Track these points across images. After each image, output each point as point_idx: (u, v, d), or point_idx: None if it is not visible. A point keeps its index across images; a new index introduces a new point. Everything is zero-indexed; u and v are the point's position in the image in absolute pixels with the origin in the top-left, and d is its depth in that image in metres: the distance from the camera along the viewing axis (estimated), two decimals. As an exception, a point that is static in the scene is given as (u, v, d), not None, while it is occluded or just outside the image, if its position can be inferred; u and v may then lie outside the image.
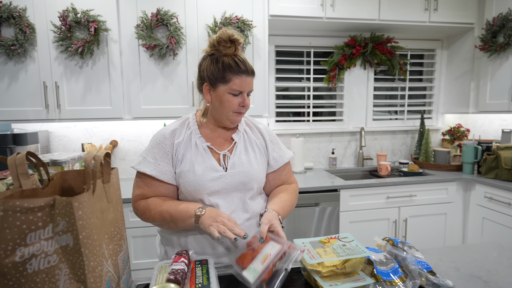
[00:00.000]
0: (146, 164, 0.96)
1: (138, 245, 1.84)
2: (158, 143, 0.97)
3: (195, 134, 1.00)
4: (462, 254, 0.98)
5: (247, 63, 0.95)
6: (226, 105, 0.95)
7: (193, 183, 0.94)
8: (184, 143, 0.98)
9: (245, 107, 0.97)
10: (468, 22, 2.42)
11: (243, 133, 1.04)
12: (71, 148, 2.26)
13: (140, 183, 0.98)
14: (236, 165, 0.98)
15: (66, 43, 1.86)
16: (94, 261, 0.61)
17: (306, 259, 0.77)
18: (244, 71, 0.93)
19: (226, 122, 0.99)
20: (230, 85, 0.93)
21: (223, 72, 0.92)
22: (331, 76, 2.55)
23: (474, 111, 2.50)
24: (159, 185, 0.97)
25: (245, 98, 0.96)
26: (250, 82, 0.96)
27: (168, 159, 0.97)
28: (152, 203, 0.94)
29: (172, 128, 1.00)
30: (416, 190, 2.17)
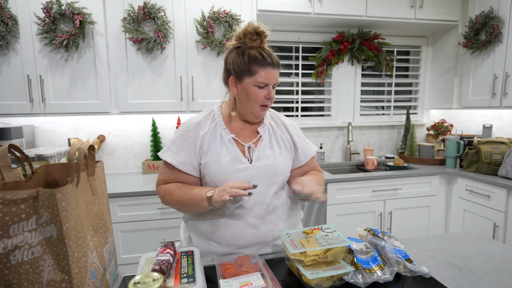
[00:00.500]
0: (168, 153, 1.00)
1: (127, 239, 1.84)
2: (182, 134, 1.00)
3: (220, 126, 1.01)
4: (440, 243, 1.02)
5: (273, 55, 0.95)
6: (252, 98, 0.95)
7: (218, 174, 0.96)
8: (209, 135, 0.99)
9: (271, 100, 0.98)
10: (452, 20, 2.47)
11: (268, 127, 1.05)
12: (57, 143, 2.23)
13: (163, 170, 1.03)
14: (261, 158, 0.99)
15: (51, 36, 1.82)
16: (78, 252, 0.61)
17: (289, 248, 0.79)
18: (270, 64, 0.93)
19: (250, 117, 1.00)
20: (256, 78, 0.93)
21: (249, 64, 0.93)
22: (319, 71, 2.57)
23: (457, 107, 2.57)
24: (179, 174, 1.00)
25: (270, 90, 0.96)
26: (276, 74, 0.96)
27: (190, 150, 0.99)
28: (171, 188, 0.99)
29: (197, 120, 1.02)
30: (401, 183, 2.23)
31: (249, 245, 0.97)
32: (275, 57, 0.96)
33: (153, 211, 1.84)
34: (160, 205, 1.85)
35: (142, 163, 2.28)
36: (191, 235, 1.05)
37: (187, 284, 0.69)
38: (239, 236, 0.96)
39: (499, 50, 2.20)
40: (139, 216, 1.83)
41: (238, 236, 0.96)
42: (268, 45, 0.97)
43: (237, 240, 0.96)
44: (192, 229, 1.05)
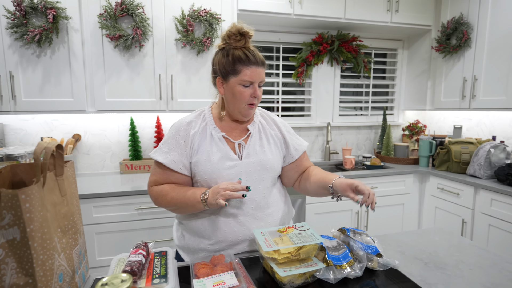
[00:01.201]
0: (160, 153, 1.01)
1: (103, 241, 1.80)
2: (173, 134, 1.01)
3: (210, 125, 1.02)
4: (409, 239, 1.07)
5: (257, 54, 0.97)
6: (238, 97, 0.97)
7: (209, 172, 0.97)
8: (200, 133, 1.01)
9: (257, 98, 0.99)
10: (426, 24, 2.57)
11: (258, 124, 1.07)
12: (29, 142, 2.14)
13: (154, 170, 1.03)
14: (251, 154, 1.01)
15: (22, 30, 1.75)
16: (44, 255, 0.60)
17: (262, 247, 0.80)
18: (254, 62, 0.95)
19: (238, 116, 1.01)
20: (241, 76, 0.95)
21: (234, 64, 0.95)
22: (300, 72, 2.61)
23: (430, 108, 2.68)
24: (171, 174, 1.00)
25: (256, 89, 0.97)
26: (261, 72, 0.97)
27: (181, 149, 0.99)
28: (164, 190, 0.99)
29: (188, 120, 1.03)
30: (377, 182, 2.30)
31: (240, 242, 0.99)
32: (260, 56, 0.98)
33: (131, 212, 1.81)
34: (138, 206, 1.82)
35: (120, 163, 2.23)
36: (184, 233, 1.06)
37: (159, 285, 0.69)
38: (230, 233, 0.97)
39: (468, 55, 2.31)
40: (116, 217, 1.79)
41: (229, 233, 0.97)
42: (253, 45, 0.99)
43: (228, 237, 0.97)
44: (184, 227, 1.06)
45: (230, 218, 0.98)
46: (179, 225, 1.10)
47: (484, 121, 2.47)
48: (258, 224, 1.00)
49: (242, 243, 0.99)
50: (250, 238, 0.99)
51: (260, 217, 1.00)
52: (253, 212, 0.99)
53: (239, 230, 0.98)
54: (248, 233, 0.99)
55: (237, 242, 0.98)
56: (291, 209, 1.16)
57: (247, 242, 0.99)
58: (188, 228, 1.04)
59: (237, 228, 0.98)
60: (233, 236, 0.98)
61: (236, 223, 0.98)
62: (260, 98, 1.01)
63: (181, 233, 1.07)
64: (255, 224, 0.99)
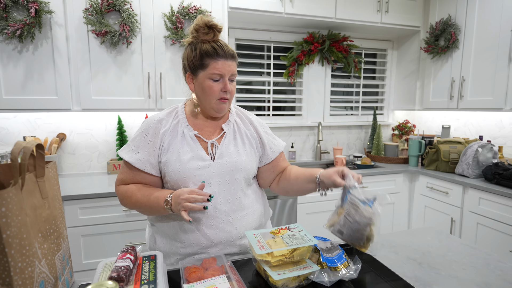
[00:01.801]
0: (127, 151, 0.97)
1: (89, 244, 1.74)
2: (142, 131, 0.97)
3: (182, 123, 0.98)
4: (402, 239, 1.07)
5: (225, 47, 0.92)
6: (208, 92, 0.93)
7: (178, 172, 0.93)
8: (170, 132, 0.96)
9: (228, 93, 0.95)
10: (415, 25, 2.60)
11: (233, 124, 1.03)
12: (10, 141, 2.06)
13: (122, 169, 0.99)
14: (224, 155, 0.96)
15: (2, 25, 1.67)
16: (22, 262, 0.56)
17: (255, 250, 0.78)
18: (222, 55, 0.91)
19: (211, 111, 0.97)
20: (208, 70, 0.91)
21: (201, 58, 0.91)
22: (291, 71, 2.60)
23: (419, 108, 2.71)
24: (137, 173, 0.96)
25: (226, 83, 0.93)
26: (231, 65, 0.93)
27: (149, 148, 0.95)
28: (129, 191, 0.95)
29: (158, 117, 0.98)
30: (368, 181, 2.31)
31: (213, 245, 0.95)
32: (229, 49, 0.94)
33: (118, 213, 1.76)
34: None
35: (107, 162, 2.17)
36: (156, 236, 1.02)
37: (147, 291, 0.66)
38: (202, 236, 0.94)
39: (456, 56, 2.34)
40: (103, 219, 1.74)
41: (201, 236, 0.94)
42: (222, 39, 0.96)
43: (200, 240, 0.94)
44: (156, 230, 1.02)
45: (203, 221, 0.94)
46: (150, 227, 1.06)
47: (471, 121, 2.52)
48: (231, 227, 0.96)
49: (216, 246, 0.95)
50: (223, 241, 0.95)
51: (234, 219, 0.97)
52: (227, 215, 0.96)
53: (212, 233, 0.94)
54: (221, 235, 0.95)
55: (210, 245, 0.94)
56: (268, 210, 1.12)
57: (221, 245, 0.95)
58: (160, 230, 1.00)
59: (210, 231, 0.94)
60: (206, 239, 0.94)
61: (208, 226, 0.94)
62: (233, 92, 0.97)
63: (152, 236, 1.03)
64: (228, 227, 0.96)
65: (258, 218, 1.04)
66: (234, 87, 0.97)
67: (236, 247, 0.98)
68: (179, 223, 0.95)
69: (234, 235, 0.96)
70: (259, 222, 1.05)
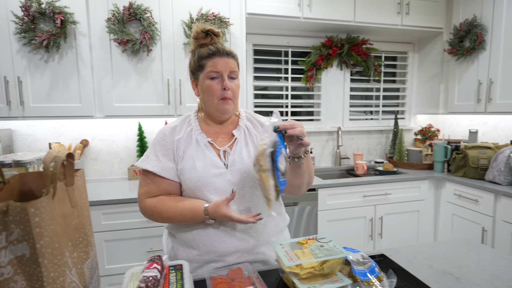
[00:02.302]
0: (148, 161, 0.96)
1: (112, 249, 1.75)
2: (159, 140, 0.98)
3: (195, 130, 0.98)
4: (435, 251, 1.01)
5: (220, 45, 0.93)
6: (208, 92, 0.93)
7: (194, 180, 0.92)
8: (185, 139, 0.97)
9: (229, 91, 0.93)
10: (437, 27, 2.52)
11: (244, 129, 1.01)
12: (37, 147, 2.12)
13: (144, 181, 0.97)
14: (236, 162, 0.95)
15: (30, 36, 1.74)
16: (54, 272, 0.55)
17: (284, 261, 0.75)
18: (217, 53, 0.92)
19: (215, 113, 0.96)
20: (206, 70, 0.93)
21: (199, 61, 0.94)
22: (309, 76, 2.57)
23: (443, 112, 2.61)
24: (162, 181, 0.96)
25: (225, 80, 0.92)
26: (228, 62, 0.92)
27: (169, 156, 0.96)
28: (157, 208, 0.93)
29: (172, 125, 1.00)
30: (391, 188, 2.23)
31: (229, 253, 0.93)
32: (225, 47, 0.94)
33: (139, 219, 1.77)
34: (146, 213, 1.78)
35: (128, 168, 2.20)
36: (173, 243, 1.01)
37: (175, 303, 0.64)
38: (219, 244, 0.92)
39: (483, 57, 2.25)
40: (124, 224, 1.75)
41: (218, 244, 0.92)
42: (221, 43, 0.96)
43: (217, 248, 0.92)
44: (173, 237, 1.01)
45: (220, 228, 0.93)
46: (168, 235, 1.05)
47: (501, 125, 2.40)
48: (248, 235, 0.94)
49: (233, 254, 0.93)
50: (241, 249, 0.93)
51: (250, 227, 0.94)
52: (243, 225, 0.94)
53: (229, 240, 0.92)
54: (238, 244, 0.93)
55: (227, 253, 0.92)
56: (285, 217, 1.09)
57: (238, 254, 0.93)
58: (177, 238, 0.99)
59: (227, 239, 0.92)
60: (223, 247, 0.92)
61: (225, 233, 0.92)
62: (235, 91, 0.95)
63: (169, 243, 1.03)
64: (245, 235, 0.94)
65: (276, 225, 1.02)
66: (236, 86, 0.96)
67: (254, 256, 0.95)
68: (196, 230, 0.94)
69: (251, 243, 0.94)
70: (277, 230, 1.02)
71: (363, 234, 2.21)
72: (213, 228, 0.93)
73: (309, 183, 1.00)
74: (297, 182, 0.94)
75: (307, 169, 0.93)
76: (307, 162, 0.93)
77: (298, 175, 0.92)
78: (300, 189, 0.97)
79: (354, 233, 2.19)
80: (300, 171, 0.91)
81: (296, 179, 0.93)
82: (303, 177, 0.93)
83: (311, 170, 0.98)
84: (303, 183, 0.96)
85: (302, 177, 0.93)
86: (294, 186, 0.95)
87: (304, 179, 0.94)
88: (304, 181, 0.96)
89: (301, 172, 0.91)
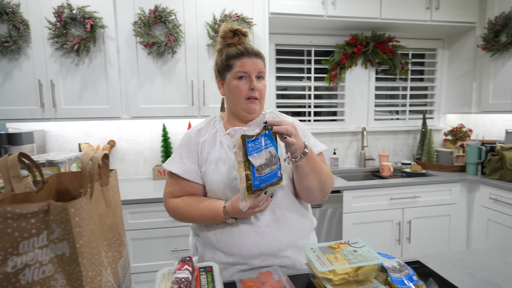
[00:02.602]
0: (173, 163, 0.98)
1: (138, 247, 1.79)
2: (185, 143, 1.00)
3: (220, 132, 0.99)
4: (476, 259, 0.95)
5: (249, 46, 0.94)
6: (235, 92, 0.93)
7: (217, 182, 0.92)
8: (209, 141, 0.97)
9: (257, 91, 0.93)
10: (470, 21, 2.40)
11: None
12: (67, 148, 2.21)
13: (169, 182, 1.00)
14: None
15: (62, 40, 1.81)
16: (92, 271, 0.56)
17: (316, 266, 0.73)
18: (245, 53, 0.92)
19: (242, 113, 0.96)
20: (234, 70, 0.93)
21: (227, 60, 0.94)
22: (332, 75, 2.51)
23: (476, 111, 2.48)
24: (185, 183, 0.97)
25: (253, 80, 0.92)
26: (256, 63, 0.92)
27: (193, 158, 0.97)
28: (180, 207, 0.95)
29: (198, 127, 1.01)
30: (420, 191, 2.14)
31: (253, 256, 0.91)
32: (253, 48, 0.94)
33: (164, 219, 1.79)
34: (171, 213, 1.80)
35: (153, 168, 2.24)
36: (198, 244, 1.01)
37: (208, 306, 0.63)
38: (242, 246, 0.91)
39: (521, 52, 2.11)
40: (149, 223, 1.78)
41: (241, 246, 0.91)
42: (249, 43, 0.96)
43: (241, 250, 0.91)
44: (198, 238, 1.01)
45: (244, 229, 0.91)
46: (194, 235, 1.06)
47: (541, 125, 2.25)
48: (273, 236, 0.91)
49: (257, 258, 0.91)
50: (266, 252, 0.91)
51: (275, 229, 0.92)
52: (267, 225, 0.92)
53: (254, 243, 0.90)
54: (263, 247, 0.91)
55: (251, 255, 0.91)
56: (312, 220, 1.06)
57: (263, 256, 0.91)
58: (202, 238, 0.99)
59: (251, 241, 0.90)
60: (247, 249, 0.90)
61: (250, 235, 0.91)
62: (262, 91, 0.94)
63: (195, 244, 1.03)
64: (270, 237, 0.91)
65: (302, 229, 0.99)
66: (263, 86, 0.95)
67: (279, 259, 0.93)
68: (220, 232, 0.94)
69: (276, 246, 0.92)
70: (303, 233, 0.99)
71: (390, 238, 2.14)
72: (236, 229, 0.92)
73: (322, 189, 0.93)
74: (304, 185, 0.90)
75: (311, 171, 0.88)
76: (312, 165, 0.88)
77: (302, 177, 0.89)
78: (310, 193, 0.92)
79: (381, 237, 2.12)
80: (303, 173, 0.87)
81: (301, 182, 0.90)
82: (308, 180, 0.89)
83: (321, 175, 0.91)
84: (312, 187, 0.91)
85: (307, 179, 0.89)
86: (302, 190, 0.92)
87: (310, 182, 0.90)
88: (313, 185, 0.90)
89: (304, 174, 0.88)
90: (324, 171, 0.93)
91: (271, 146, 0.80)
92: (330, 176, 0.96)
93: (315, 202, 0.98)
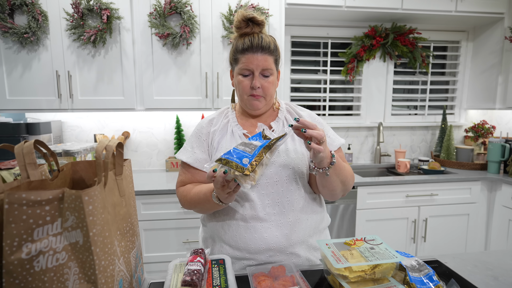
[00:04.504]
0: (184, 152, 0.99)
1: (150, 238, 1.81)
2: (196, 132, 1.00)
3: (232, 122, 0.98)
4: (499, 261, 0.90)
5: (256, 40, 0.86)
6: (238, 87, 0.92)
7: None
8: (220, 131, 0.97)
9: (261, 89, 0.89)
10: (498, 12, 2.27)
11: (283, 121, 0.98)
12: (83, 138, 2.25)
13: (181, 171, 1.01)
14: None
15: (79, 31, 1.82)
16: (105, 260, 0.56)
17: (332, 262, 0.71)
18: (250, 49, 0.86)
19: (246, 108, 0.95)
20: (239, 65, 0.90)
21: (234, 53, 0.91)
22: (349, 68, 2.45)
23: (501, 107, 2.36)
24: (195, 172, 0.97)
25: (255, 78, 0.88)
26: (260, 59, 0.86)
27: (203, 147, 0.97)
28: (185, 191, 0.96)
29: (210, 117, 1.01)
30: (438, 189, 2.07)
31: (260, 251, 0.89)
32: (259, 41, 0.86)
33: (176, 210, 1.81)
34: (184, 204, 1.81)
35: (166, 160, 2.26)
36: (206, 236, 1.01)
37: (220, 299, 0.62)
38: (249, 240, 0.88)
39: (553, 45, 1.99)
40: (161, 214, 1.80)
41: (248, 240, 0.88)
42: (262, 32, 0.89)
43: (248, 244, 0.89)
44: (207, 230, 1.01)
45: (251, 223, 0.89)
46: (202, 228, 1.05)
47: None
48: (282, 232, 0.89)
49: (264, 253, 0.89)
50: (273, 247, 0.88)
51: (284, 224, 0.89)
52: (276, 219, 0.89)
53: (260, 237, 0.88)
54: (270, 241, 0.88)
55: (258, 250, 0.88)
56: (326, 217, 1.02)
57: (270, 252, 0.88)
58: (210, 231, 0.98)
59: (258, 235, 0.88)
60: (254, 243, 0.88)
61: (257, 229, 0.88)
62: (267, 88, 0.89)
63: (204, 237, 1.03)
64: (278, 232, 0.89)
65: (314, 225, 0.95)
66: (268, 84, 0.90)
67: (286, 256, 0.90)
68: (228, 223, 0.92)
69: (284, 241, 0.89)
70: (315, 230, 0.96)
71: (405, 236, 2.08)
72: (244, 221, 0.90)
73: (345, 189, 0.92)
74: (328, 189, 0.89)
75: (337, 177, 0.86)
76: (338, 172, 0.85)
77: (327, 183, 0.86)
78: (333, 193, 0.91)
79: (395, 234, 2.07)
80: (329, 180, 0.85)
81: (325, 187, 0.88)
82: (333, 184, 0.87)
83: (345, 177, 0.89)
84: (335, 189, 0.89)
85: (332, 185, 0.87)
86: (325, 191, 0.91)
87: (335, 185, 0.88)
88: (337, 188, 0.89)
89: (330, 181, 0.85)
90: (347, 171, 0.91)
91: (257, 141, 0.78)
92: (352, 175, 0.94)
93: (336, 199, 0.97)
